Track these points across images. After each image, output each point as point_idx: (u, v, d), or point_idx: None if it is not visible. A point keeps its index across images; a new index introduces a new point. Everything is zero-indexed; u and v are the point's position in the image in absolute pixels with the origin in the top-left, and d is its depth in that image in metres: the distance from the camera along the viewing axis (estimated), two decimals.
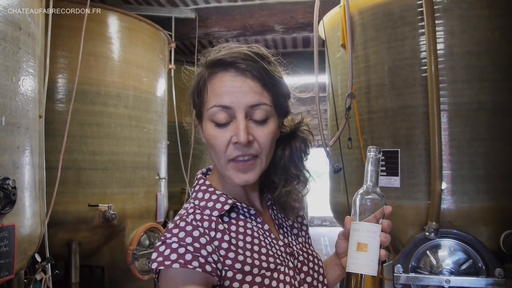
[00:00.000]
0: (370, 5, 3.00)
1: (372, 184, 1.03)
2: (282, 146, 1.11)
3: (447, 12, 2.72)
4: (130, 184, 3.76)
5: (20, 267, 2.40)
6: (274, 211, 1.15)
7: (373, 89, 2.99)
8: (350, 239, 1.00)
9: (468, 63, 2.68)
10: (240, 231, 1.03)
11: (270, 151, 1.02)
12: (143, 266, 3.75)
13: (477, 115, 2.65)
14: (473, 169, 2.63)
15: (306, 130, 1.14)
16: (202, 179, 1.11)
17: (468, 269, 2.57)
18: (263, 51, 1.03)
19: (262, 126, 0.98)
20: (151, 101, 4.07)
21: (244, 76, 0.97)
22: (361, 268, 0.96)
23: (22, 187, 2.33)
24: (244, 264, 0.97)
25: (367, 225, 0.99)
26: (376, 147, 1.03)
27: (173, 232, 0.95)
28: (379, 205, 1.01)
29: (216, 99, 0.97)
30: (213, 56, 1.02)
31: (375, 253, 0.97)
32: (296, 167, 1.11)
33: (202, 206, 1.03)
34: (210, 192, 1.06)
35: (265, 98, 0.98)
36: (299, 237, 1.17)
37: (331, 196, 3.61)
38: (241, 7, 4.86)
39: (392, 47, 2.89)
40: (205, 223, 0.99)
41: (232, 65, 0.98)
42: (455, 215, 2.64)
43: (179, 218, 1.00)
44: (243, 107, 0.96)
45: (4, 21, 2.20)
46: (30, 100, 2.43)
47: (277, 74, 1.02)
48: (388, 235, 0.99)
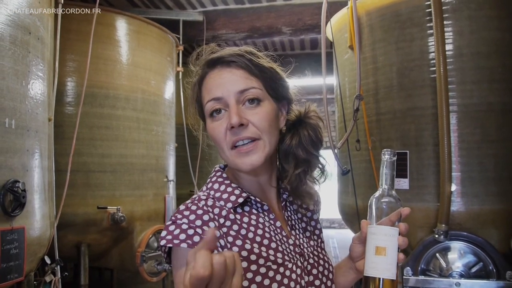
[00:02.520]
0: (378, 6, 2.99)
1: (388, 187, 1.03)
2: (290, 134, 1.11)
3: (456, 13, 2.70)
4: (139, 187, 3.78)
5: (29, 269, 2.42)
6: (288, 212, 1.15)
7: (381, 90, 2.97)
8: (368, 243, 0.99)
9: (477, 64, 2.66)
10: (252, 223, 1.03)
11: (271, 132, 1.02)
12: (152, 268, 3.75)
13: (486, 116, 2.63)
14: (482, 171, 2.61)
15: (314, 116, 1.13)
16: (220, 171, 1.13)
17: (478, 272, 2.54)
18: (250, 49, 1.07)
19: (255, 108, 1.01)
20: (159, 104, 4.08)
21: (229, 67, 1.03)
22: (380, 272, 0.95)
23: (32, 190, 2.35)
24: (250, 253, 0.97)
25: (384, 229, 0.98)
26: (391, 150, 1.03)
27: (184, 214, 0.97)
28: (395, 208, 1.01)
29: (208, 95, 1.03)
30: (200, 60, 1.09)
31: (394, 256, 0.96)
32: (306, 152, 1.10)
33: (217, 197, 1.05)
34: (226, 184, 1.08)
35: (253, 83, 1.02)
36: (311, 240, 1.17)
37: (340, 198, 3.60)
38: (248, 10, 4.86)
39: (400, 48, 2.87)
40: (216, 209, 1.02)
41: (218, 61, 1.04)
42: (464, 217, 2.61)
43: (191, 201, 1.02)
44: (233, 94, 1.00)
45: (14, 26, 2.22)
46: (39, 103, 2.45)
47: (265, 63, 1.05)
48: (406, 238, 0.98)
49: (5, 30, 2.16)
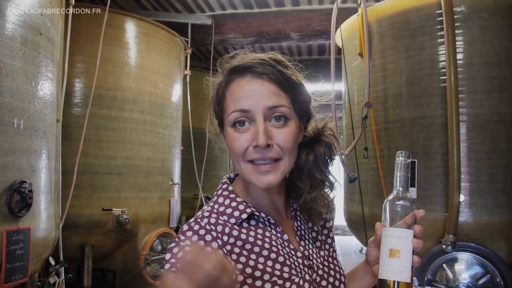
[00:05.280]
0: (389, 14, 2.98)
1: (402, 190, 1.01)
2: (306, 151, 1.09)
3: (467, 22, 2.69)
4: (144, 189, 3.77)
5: (34, 270, 2.41)
6: (297, 222, 1.13)
7: (390, 98, 2.96)
8: (382, 246, 0.98)
9: (488, 73, 2.65)
10: (258, 237, 1.02)
11: (292, 153, 1.01)
12: (155, 272, 3.74)
13: (497, 126, 2.61)
14: (492, 182, 2.59)
15: (330, 135, 1.12)
16: (226, 184, 1.11)
17: (485, 284, 2.52)
18: (280, 57, 1.03)
19: (281, 128, 0.98)
20: (166, 107, 4.08)
21: (260, 79, 0.97)
22: (394, 275, 0.94)
23: (38, 191, 2.34)
24: (255, 270, 0.96)
25: (399, 231, 0.96)
26: (406, 152, 1.02)
27: (187, 235, 0.97)
28: (409, 210, 1.00)
29: (235, 105, 0.98)
30: (230, 64, 1.03)
31: (408, 259, 0.95)
32: (321, 172, 1.09)
33: (221, 211, 1.04)
34: (230, 199, 1.06)
35: (283, 100, 0.98)
36: (321, 250, 1.14)
37: (345, 205, 3.57)
38: (257, 14, 4.86)
39: (410, 56, 2.86)
40: (219, 227, 1.00)
41: (249, 70, 0.98)
42: (472, 228, 2.59)
43: (194, 221, 1.01)
44: (261, 110, 0.96)
45: (25, 26, 2.22)
46: (48, 104, 2.45)
47: (295, 77, 1.01)
48: (421, 240, 0.97)
49: (16, 31, 2.16)
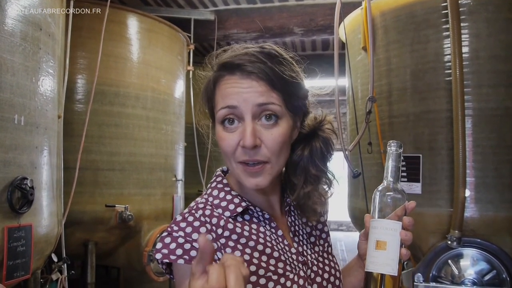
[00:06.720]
0: (393, 7, 2.94)
1: (393, 180, 0.99)
2: (302, 146, 1.07)
3: (473, 15, 2.64)
4: (147, 185, 3.76)
5: (36, 266, 2.40)
6: (291, 217, 1.11)
7: (394, 93, 2.92)
8: (369, 238, 0.96)
9: (494, 67, 2.60)
10: (252, 232, 1.00)
11: (280, 155, 0.98)
12: (159, 268, 3.73)
13: (503, 121, 2.57)
14: (498, 177, 2.55)
15: (328, 129, 1.09)
16: (220, 177, 1.09)
17: (491, 280, 2.49)
18: (275, 51, 0.99)
19: (271, 128, 0.95)
20: (169, 103, 4.06)
21: (249, 78, 0.94)
22: (380, 267, 0.92)
23: (40, 187, 2.34)
24: (250, 264, 0.94)
25: (386, 222, 0.94)
26: (397, 141, 0.99)
27: (180, 226, 0.95)
28: (400, 202, 0.97)
29: (223, 101, 0.96)
30: (220, 59, 1.01)
31: (395, 251, 0.92)
32: (317, 168, 1.06)
33: (216, 204, 1.02)
34: (225, 192, 1.04)
35: (273, 98, 0.94)
36: (316, 245, 1.13)
37: (349, 201, 3.55)
38: (260, 9, 4.83)
39: (415, 50, 2.82)
40: (214, 219, 0.98)
41: (238, 68, 0.95)
42: (478, 224, 2.55)
43: (188, 212, 0.99)
44: (250, 107, 0.93)
45: (25, 22, 2.20)
46: (49, 100, 2.44)
47: (288, 73, 0.97)
48: (410, 232, 0.94)
49: (16, 26, 2.15)
